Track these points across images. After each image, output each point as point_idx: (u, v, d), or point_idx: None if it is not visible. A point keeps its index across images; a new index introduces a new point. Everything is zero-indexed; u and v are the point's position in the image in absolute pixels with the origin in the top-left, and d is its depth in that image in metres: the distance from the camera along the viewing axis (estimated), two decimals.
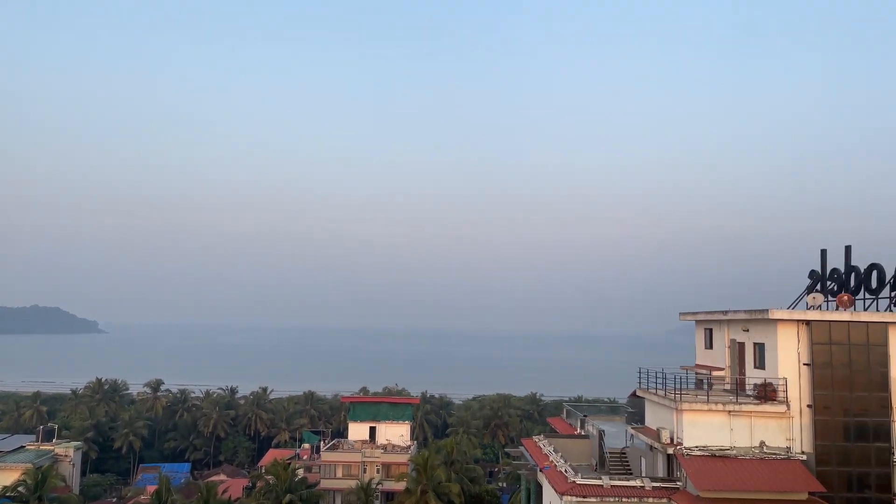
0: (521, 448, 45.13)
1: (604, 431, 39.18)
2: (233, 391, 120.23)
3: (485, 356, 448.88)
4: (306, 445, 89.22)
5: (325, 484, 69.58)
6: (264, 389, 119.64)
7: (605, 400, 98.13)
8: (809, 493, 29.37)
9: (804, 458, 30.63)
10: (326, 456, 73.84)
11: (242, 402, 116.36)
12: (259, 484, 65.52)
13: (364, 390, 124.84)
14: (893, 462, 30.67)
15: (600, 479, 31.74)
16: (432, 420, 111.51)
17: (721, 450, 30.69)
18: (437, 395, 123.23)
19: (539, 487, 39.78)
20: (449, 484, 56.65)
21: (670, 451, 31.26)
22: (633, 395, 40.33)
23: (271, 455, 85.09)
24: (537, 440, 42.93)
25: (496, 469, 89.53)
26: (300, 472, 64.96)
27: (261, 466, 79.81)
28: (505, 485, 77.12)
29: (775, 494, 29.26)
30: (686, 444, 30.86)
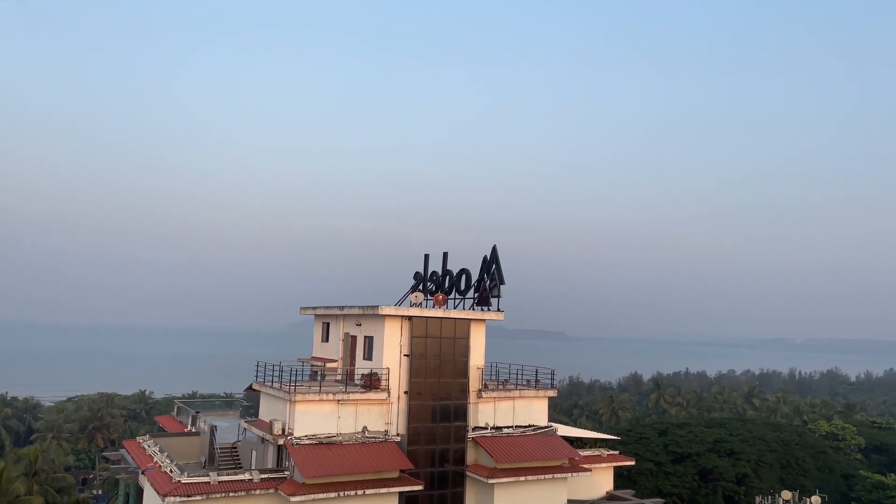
0: (122, 451, 41.42)
1: (216, 427, 38.18)
2: None
3: (84, 351, 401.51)
4: None
5: None
6: None
7: (222, 395, 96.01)
8: (401, 471, 32.80)
9: (398, 439, 34.11)
10: None
11: None
12: None
13: None
14: (468, 438, 36.08)
15: (208, 475, 30.83)
16: (13, 426, 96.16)
17: (328, 437, 32.39)
18: (20, 398, 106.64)
19: (140, 491, 37.00)
20: (30, 498, 49.33)
21: (281, 441, 31.89)
22: (250, 388, 40.20)
23: None
24: (142, 441, 39.84)
25: (90, 476, 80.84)
26: None
27: None
28: (101, 492, 70.05)
29: (372, 475, 31.93)
30: (297, 434, 31.82)
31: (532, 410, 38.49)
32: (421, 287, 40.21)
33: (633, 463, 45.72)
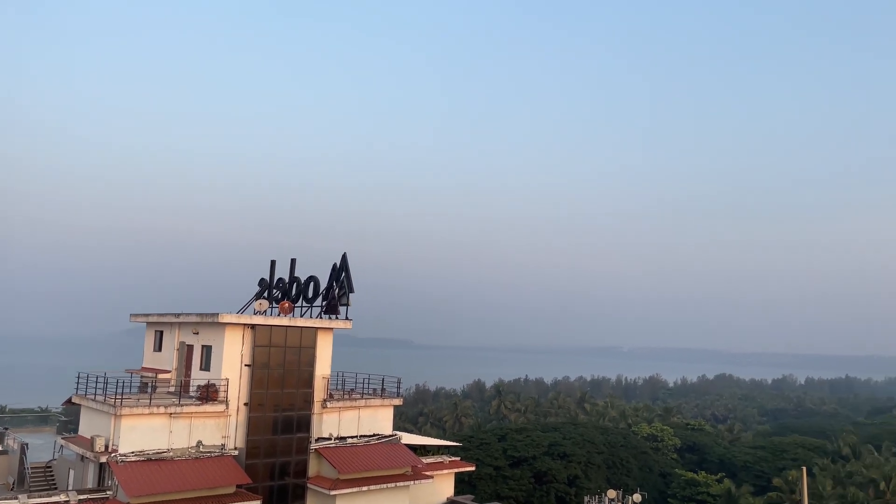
0: None
1: (27, 445, 34.66)
2: None
3: None
4: None
5: None
6: None
7: (36, 410, 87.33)
8: (237, 486, 31.40)
9: (236, 453, 32.64)
10: None
11: None
12: None
13: None
14: (311, 449, 35.28)
15: (17, 498, 27.76)
16: None
17: (158, 453, 30.33)
18: None
19: None
20: None
21: (103, 459, 29.42)
22: (69, 402, 36.75)
23: None
24: None
25: None
26: None
27: None
28: None
29: (206, 491, 30.29)
30: (122, 450, 29.50)
31: (377, 419, 38.40)
32: (266, 294, 38.93)
33: (473, 468, 46.93)
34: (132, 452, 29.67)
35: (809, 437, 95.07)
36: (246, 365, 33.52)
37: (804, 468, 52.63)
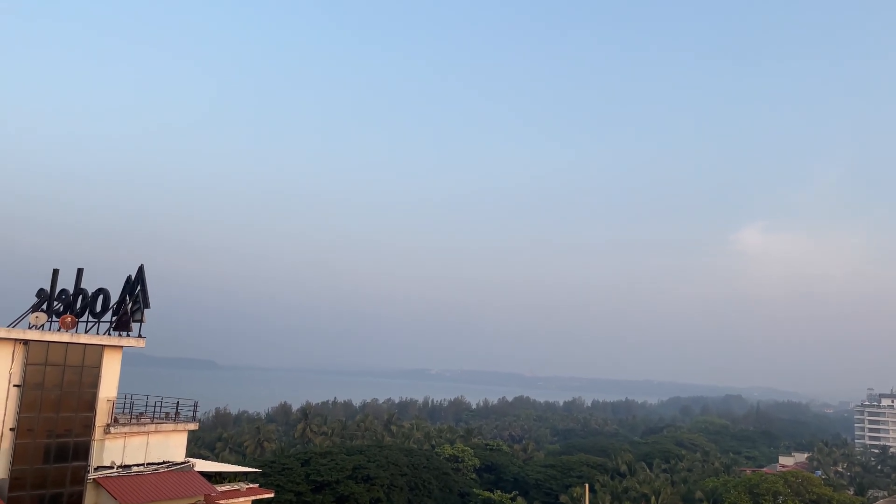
0: None
1: None
2: None
3: None
4: None
5: None
6: None
7: None
8: None
9: None
10: None
11: None
12: None
13: None
14: (88, 479, 31.99)
15: None
16: None
17: None
18: None
19: None
20: None
21: None
22: None
23: None
24: None
25: None
26: None
27: None
28: None
29: None
30: None
31: (168, 446, 35.83)
32: (45, 307, 35.06)
33: (272, 495, 45.23)
34: None
35: (593, 456, 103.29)
36: (15, 385, 29.81)
37: (587, 485, 57.08)
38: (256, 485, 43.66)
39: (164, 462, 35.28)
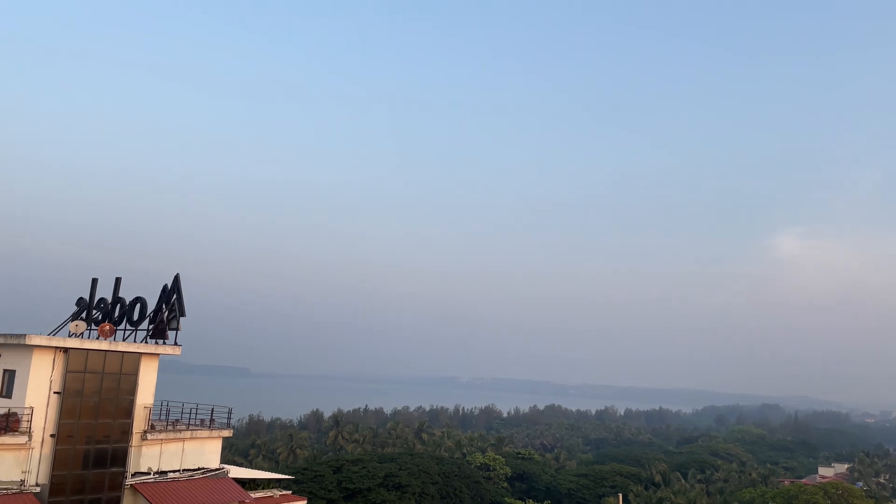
0: None
1: None
2: None
3: None
4: None
5: None
6: None
7: None
8: None
9: (38, 489, 29.45)
10: None
11: None
12: None
13: None
14: (125, 485, 32.57)
15: None
16: None
17: None
18: None
19: None
20: None
21: None
22: None
23: None
24: None
25: None
26: None
27: None
28: None
29: None
30: None
31: (204, 452, 36.34)
32: (85, 315, 35.87)
33: (305, 502, 45.54)
34: None
35: (626, 465, 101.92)
36: (55, 392, 30.53)
37: (620, 495, 56.35)
38: (289, 492, 43.99)
39: (199, 468, 35.75)
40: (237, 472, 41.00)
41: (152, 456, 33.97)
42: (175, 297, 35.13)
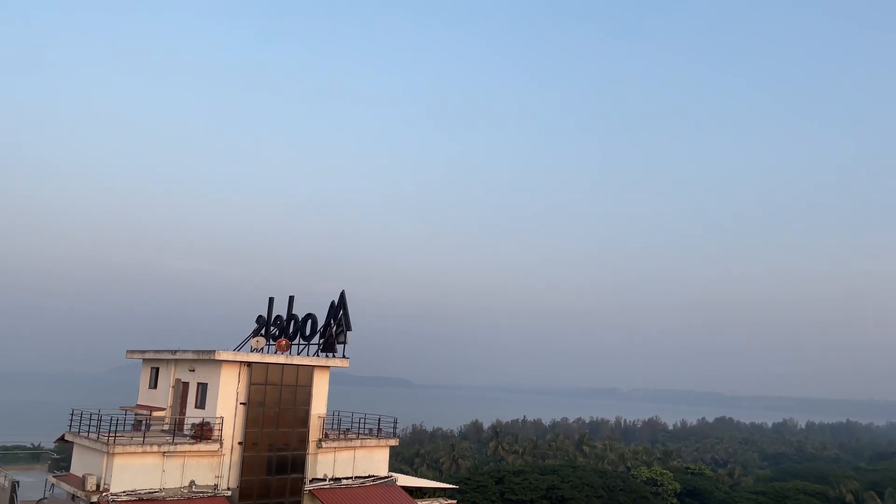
0: None
1: (18, 483, 34.16)
2: None
3: None
4: None
5: None
6: None
7: (29, 447, 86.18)
8: None
9: (229, 493, 32.18)
10: None
11: None
12: None
13: None
14: (304, 491, 34.77)
15: None
16: None
17: (150, 493, 29.91)
18: None
19: None
20: None
21: (94, 499, 29.00)
22: (61, 439, 36.35)
23: None
24: None
25: None
26: None
27: None
28: None
29: None
30: (114, 489, 29.11)
31: (373, 460, 37.96)
32: (263, 332, 38.86)
33: None
34: (124, 492, 29.27)
35: (811, 483, 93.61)
36: (241, 403, 33.29)
37: None
38: (454, 500, 44.78)
39: (369, 476, 37.40)
40: (404, 479, 42.37)
41: (327, 463, 36.01)
42: (342, 312, 37.13)
